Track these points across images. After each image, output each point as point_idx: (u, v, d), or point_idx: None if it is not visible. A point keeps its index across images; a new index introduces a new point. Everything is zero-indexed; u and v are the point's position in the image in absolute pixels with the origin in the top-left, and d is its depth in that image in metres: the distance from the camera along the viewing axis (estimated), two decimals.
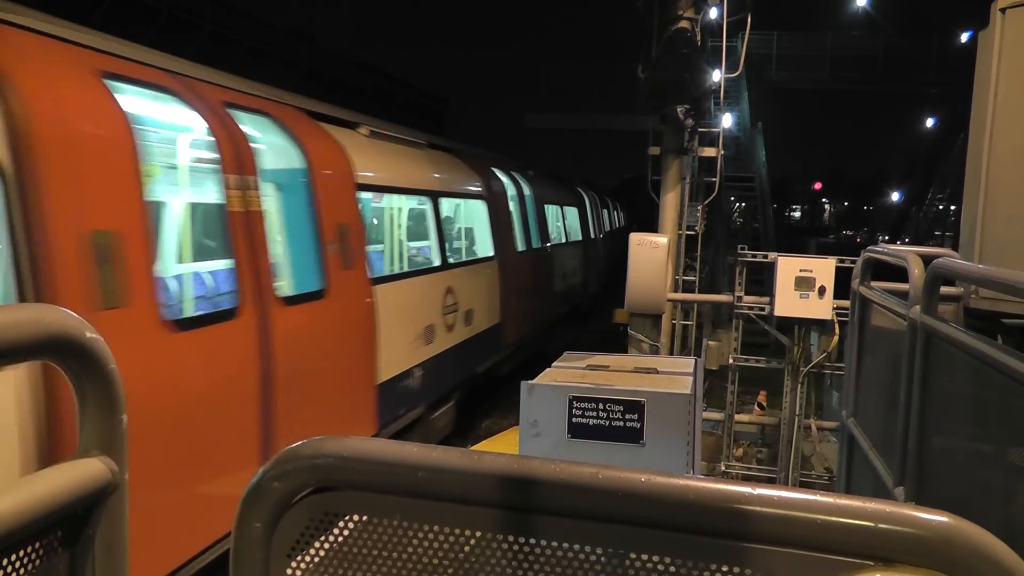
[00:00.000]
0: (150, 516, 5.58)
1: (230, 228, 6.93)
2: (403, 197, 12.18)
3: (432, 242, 12.49)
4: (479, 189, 15.05)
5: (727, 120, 25.73)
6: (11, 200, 4.78)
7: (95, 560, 1.57)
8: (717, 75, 12.57)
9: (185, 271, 8.45)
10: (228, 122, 7.28)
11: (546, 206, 20.62)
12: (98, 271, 5.27)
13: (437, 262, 12.20)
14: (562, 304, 21.67)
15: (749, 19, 11.40)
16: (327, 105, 10.26)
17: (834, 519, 1.26)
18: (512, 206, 17.12)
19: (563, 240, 22.65)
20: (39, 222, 4.88)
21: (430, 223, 12.42)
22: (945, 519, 1.23)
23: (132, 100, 6.27)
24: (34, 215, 4.85)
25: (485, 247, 15.34)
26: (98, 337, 1.50)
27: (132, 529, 1.63)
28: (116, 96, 5.83)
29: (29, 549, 1.44)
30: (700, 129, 12.39)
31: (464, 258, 14.32)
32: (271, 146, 8.28)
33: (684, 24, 10.63)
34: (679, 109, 10.83)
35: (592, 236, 27.76)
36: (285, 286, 7.96)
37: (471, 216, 15.84)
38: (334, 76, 36.74)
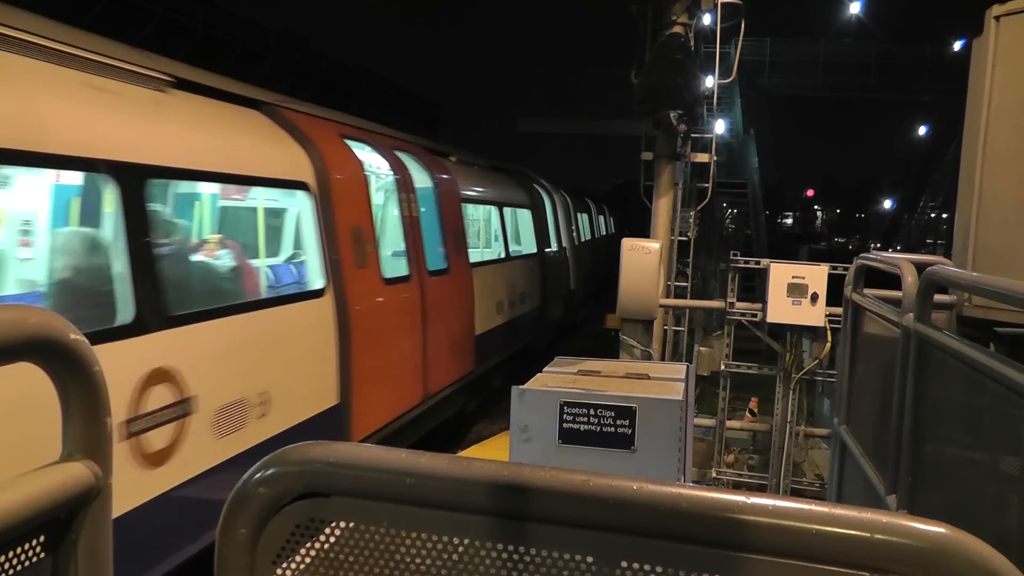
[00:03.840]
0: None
1: None
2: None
3: (117, 283, 5.88)
4: (292, 173, 8.35)
5: (720, 126, 25.78)
6: None
7: (78, 566, 1.55)
8: (710, 81, 12.59)
9: None
10: None
11: (480, 207, 16.24)
12: None
13: (126, 317, 5.80)
14: (496, 349, 15.34)
15: (742, 25, 11.41)
16: None
17: (829, 529, 1.25)
18: (389, 202, 11.37)
19: (501, 255, 16.59)
20: None
21: (110, 239, 5.97)
22: (942, 530, 1.22)
23: None
24: None
25: (308, 272, 8.86)
26: (82, 339, 1.48)
27: None
28: None
29: (11, 554, 1.42)
30: (693, 135, 12.40)
31: (235, 299, 7.73)
32: None
33: (677, 29, 10.64)
34: (672, 114, 10.83)
35: (556, 248, 21.70)
36: None
37: (264, 220, 9.30)
38: (327, 79, 36.71)
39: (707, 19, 11.95)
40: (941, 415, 4.29)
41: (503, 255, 16.56)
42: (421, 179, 12.36)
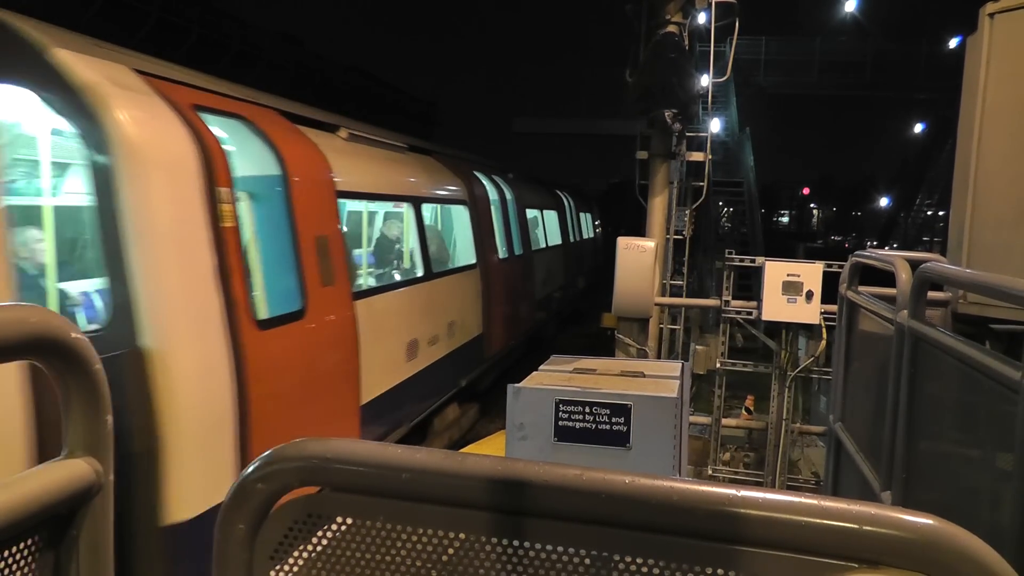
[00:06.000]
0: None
1: None
2: None
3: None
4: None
5: (715, 125, 25.78)
6: None
7: (79, 561, 1.56)
8: (705, 79, 12.60)
9: None
10: None
11: None
12: None
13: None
14: None
15: (737, 24, 11.42)
16: None
17: (818, 521, 1.26)
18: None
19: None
20: None
21: None
22: (930, 521, 1.23)
23: None
24: None
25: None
26: (83, 337, 1.49)
27: None
28: None
29: (13, 550, 1.43)
30: (688, 133, 12.40)
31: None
32: None
33: (672, 28, 10.65)
34: (667, 113, 10.83)
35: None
36: None
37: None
38: (323, 79, 36.65)
39: (702, 18, 11.95)
40: (935, 412, 4.29)
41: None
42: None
